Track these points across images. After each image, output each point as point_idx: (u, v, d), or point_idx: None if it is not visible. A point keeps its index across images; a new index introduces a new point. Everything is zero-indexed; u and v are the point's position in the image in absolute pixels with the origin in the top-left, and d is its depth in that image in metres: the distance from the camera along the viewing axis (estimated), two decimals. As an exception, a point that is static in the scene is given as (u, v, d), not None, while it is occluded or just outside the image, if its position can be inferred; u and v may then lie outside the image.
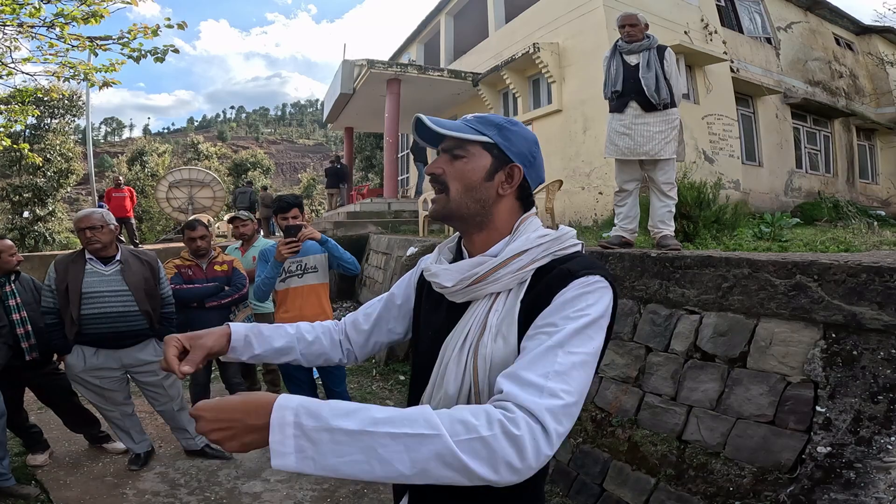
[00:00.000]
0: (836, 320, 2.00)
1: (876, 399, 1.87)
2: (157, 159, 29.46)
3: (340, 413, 0.64)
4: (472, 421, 0.66)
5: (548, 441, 0.67)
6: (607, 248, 3.28)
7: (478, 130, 0.93)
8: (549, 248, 0.89)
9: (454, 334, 0.91)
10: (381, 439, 0.63)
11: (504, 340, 0.84)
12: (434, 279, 0.95)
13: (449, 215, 0.95)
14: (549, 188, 6.66)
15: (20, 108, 5.02)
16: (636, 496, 2.42)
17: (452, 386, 0.87)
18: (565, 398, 0.71)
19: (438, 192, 0.95)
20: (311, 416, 0.63)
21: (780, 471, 2.00)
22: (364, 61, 10.84)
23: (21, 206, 18.82)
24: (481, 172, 0.92)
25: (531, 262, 0.88)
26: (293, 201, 3.05)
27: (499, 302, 0.89)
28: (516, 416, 0.67)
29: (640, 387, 2.67)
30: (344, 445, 0.62)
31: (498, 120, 0.95)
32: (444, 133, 0.92)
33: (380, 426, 0.63)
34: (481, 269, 0.88)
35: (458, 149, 0.93)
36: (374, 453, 0.62)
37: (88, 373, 2.88)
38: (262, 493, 2.89)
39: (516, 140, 0.94)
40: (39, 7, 3.40)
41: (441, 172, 0.94)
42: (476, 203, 0.92)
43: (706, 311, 2.47)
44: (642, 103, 3.31)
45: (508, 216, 0.95)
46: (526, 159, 0.95)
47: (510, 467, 0.65)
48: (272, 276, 2.92)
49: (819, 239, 3.87)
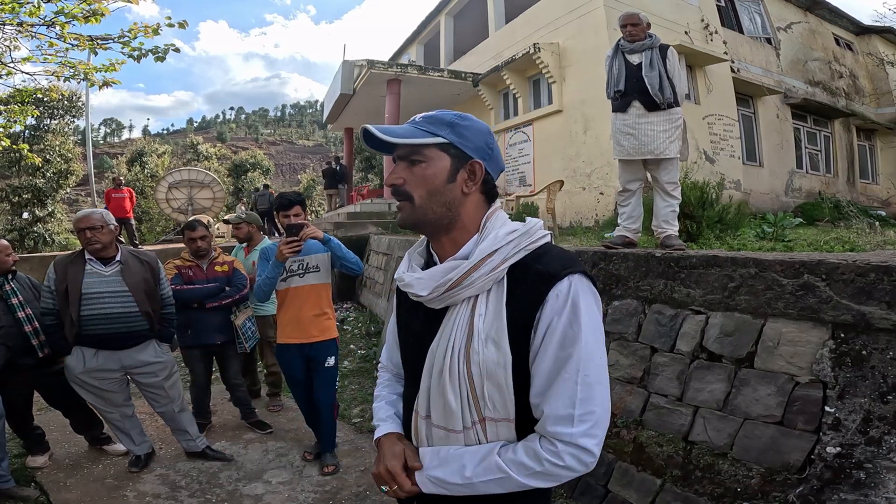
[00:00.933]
0: (845, 320, 1.98)
1: (885, 399, 1.85)
2: (157, 160, 29.43)
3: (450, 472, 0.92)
4: (528, 462, 0.86)
5: (588, 453, 0.85)
6: (611, 248, 3.26)
7: (430, 132, 0.90)
8: (519, 244, 0.89)
9: (439, 341, 0.92)
10: (478, 485, 0.90)
11: (496, 346, 0.86)
12: (409, 289, 0.93)
13: (416, 223, 0.94)
14: (551, 188, 6.65)
15: (19, 108, 5.00)
16: (641, 497, 2.40)
17: (452, 398, 0.90)
18: (592, 418, 0.85)
19: (401, 200, 0.93)
20: (439, 485, 0.94)
21: (789, 471, 1.98)
22: (364, 62, 10.83)
23: (20, 206, 18.78)
24: (443, 175, 0.91)
25: (503, 262, 0.88)
26: (295, 199, 3.00)
27: (480, 305, 0.89)
28: (558, 449, 0.85)
29: (645, 387, 2.64)
30: (458, 488, 0.92)
31: (448, 117, 0.93)
32: (395, 142, 0.89)
33: (473, 479, 0.89)
34: (454, 275, 0.88)
35: (415, 154, 0.91)
36: (476, 489, 0.91)
37: (88, 374, 2.86)
38: (264, 494, 2.87)
39: (471, 135, 0.92)
40: (39, 5, 3.38)
41: (402, 182, 0.92)
42: (442, 207, 0.91)
43: (712, 311, 2.45)
44: (645, 103, 3.29)
45: (475, 212, 0.95)
46: (484, 153, 0.93)
47: (568, 476, 0.87)
48: (273, 276, 2.87)
49: (823, 239, 3.86)
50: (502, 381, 0.87)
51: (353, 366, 5.37)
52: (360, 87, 11.44)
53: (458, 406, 0.90)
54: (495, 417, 0.89)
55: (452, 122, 0.92)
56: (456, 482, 0.90)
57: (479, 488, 0.89)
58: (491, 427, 0.90)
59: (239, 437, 3.67)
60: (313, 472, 3.12)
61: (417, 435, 0.98)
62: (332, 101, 12.89)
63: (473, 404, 0.89)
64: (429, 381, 0.93)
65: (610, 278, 3.04)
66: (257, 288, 2.93)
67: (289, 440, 3.57)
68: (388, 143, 0.90)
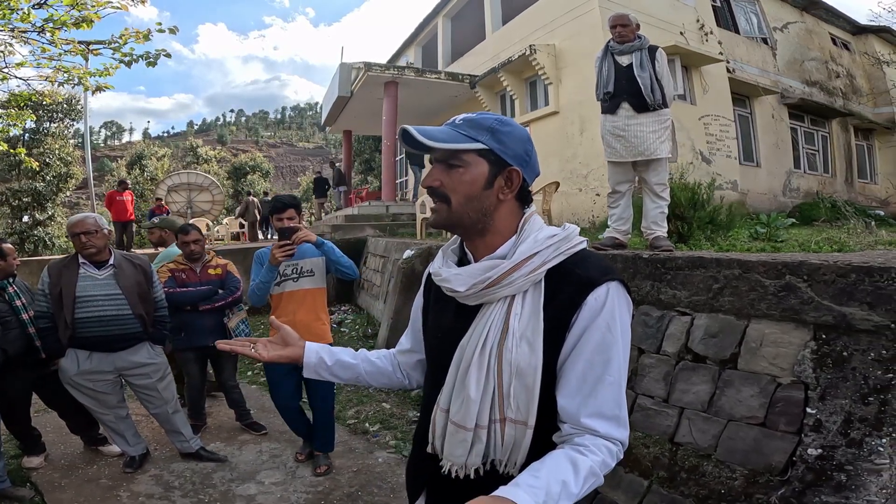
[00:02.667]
0: (827, 321, 2.00)
1: (867, 400, 1.87)
2: (157, 163, 29.49)
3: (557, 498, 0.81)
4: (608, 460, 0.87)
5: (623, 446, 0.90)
6: (600, 249, 3.28)
7: (470, 137, 0.90)
8: (558, 249, 0.90)
9: (472, 337, 0.92)
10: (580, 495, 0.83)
11: (529, 346, 0.87)
12: (445, 284, 0.94)
13: (450, 225, 0.95)
14: (546, 190, 6.66)
15: (16, 112, 5.03)
16: (629, 499, 2.42)
17: (474, 390, 0.89)
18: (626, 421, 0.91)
19: (438, 202, 0.94)
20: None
21: (772, 473, 1.99)
22: (361, 64, 10.86)
23: (20, 210, 18.82)
24: (481, 181, 0.91)
25: (543, 264, 0.89)
26: (290, 202, 2.96)
27: (516, 305, 0.89)
28: (619, 448, 0.89)
29: (632, 388, 2.66)
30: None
31: (489, 122, 0.92)
32: (435, 146, 0.89)
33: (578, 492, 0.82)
34: (494, 273, 0.88)
35: (453, 158, 0.91)
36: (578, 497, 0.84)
37: (82, 376, 2.88)
38: (256, 495, 2.89)
39: (510, 142, 0.92)
40: (29, 12, 3.40)
41: (439, 185, 0.92)
42: (477, 212, 0.92)
43: (697, 312, 2.47)
44: (634, 104, 3.31)
45: (509, 217, 0.95)
46: (522, 160, 0.93)
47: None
48: (267, 281, 2.85)
49: (814, 239, 3.87)
50: (530, 381, 0.87)
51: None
52: (357, 90, 11.47)
53: (478, 399, 0.89)
54: (515, 419, 0.89)
55: (493, 128, 0.91)
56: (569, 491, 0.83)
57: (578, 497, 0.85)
58: (509, 428, 0.90)
59: (234, 438, 3.69)
60: (306, 472, 3.14)
61: (434, 429, 0.98)
62: (330, 104, 12.92)
63: (498, 402, 0.89)
64: (455, 374, 0.93)
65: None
66: (251, 292, 2.91)
67: (283, 441, 3.59)
68: (427, 145, 0.89)
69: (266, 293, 2.91)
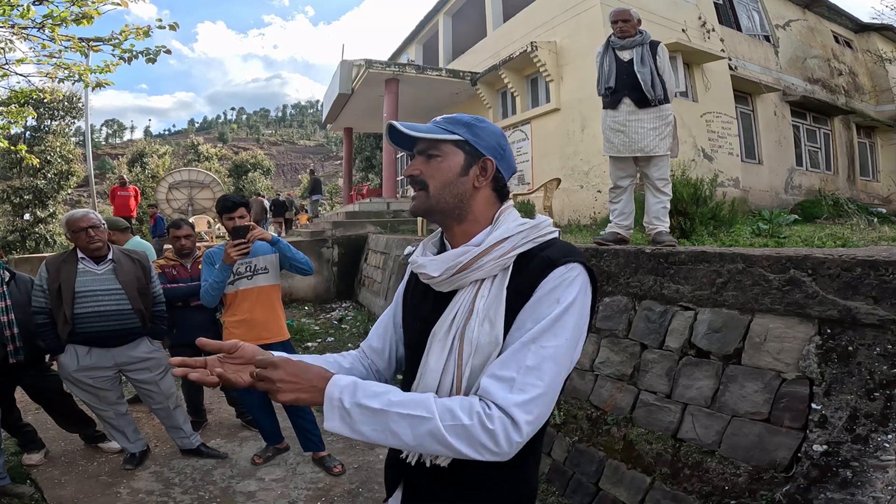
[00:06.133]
0: (831, 315, 1.97)
1: (872, 396, 1.85)
2: (158, 161, 29.46)
3: (370, 394, 0.83)
4: (458, 411, 0.81)
5: (517, 431, 0.80)
6: (602, 244, 3.25)
7: (448, 130, 0.99)
8: (528, 235, 0.94)
9: (442, 321, 0.95)
10: (393, 417, 0.81)
11: (490, 324, 0.90)
12: (421, 270, 0.98)
13: (429, 210, 1.01)
14: (548, 186, 6.64)
15: (17, 109, 5.01)
16: (632, 495, 2.40)
17: (434, 359, 0.92)
18: (533, 391, 0.82)
19: (418, 190, 1.01)
20: (350, 395, 0.82)
21: (776, 469, 1.97)
22: (362, 61, 10.83)
23: (22, 208, 18.82)
24: (456, 168, 0.98)
25: (512, 249, 0.93)
26: (239, 200, 2.95)
27: (484, 288, 0.93)
28: (492, 412, 0.80)
29: (635, 384, 2.64)
30: (368, 418, 0.82)
31: (466, 119, 1.01)
32: (417, 136, 0.98)
33: (394, 407, 0.81)
34: (465, 258, 0.93)
35: (433, 149, 0.99)
36: (387, 427, 0.81)
37: (81, 372, 2.87)
38: (257, 492, 2.88)
39: (485, 135, 1.00)
40: (29, 8, 3.39)
41: (419, 173, 1.00)
42: (454, 197, 0.98)
43: (700, 307, 2.45)
44: (636, 99, 3.29)
45: (486, 207, 1.01)
46: (496, 152, 1.01)
47: (488, 450, 0.80)
48: (221, 280, 2.83)
49: (817, 235, 3.85)
50: (488, 358, 0.89)
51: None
52: (358, 87, 11.44)
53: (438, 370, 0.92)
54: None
55: (469, 123, 1.00)
56: (370, 405, 0.81)
57: (391, 424, 0.80)
58: None
59: (234, 435, 3.68)
60: (307, 469, 3.13)
61: None
62: (330, 101, 12.90)
63: (456, 374, 0.91)
64: (426, 358, 0.96)
65: (601, 275, 3.04)
66: (204, 292, 2.87)
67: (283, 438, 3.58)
68: (410, 137, 0.99)
69: (220, 293, 2.89)
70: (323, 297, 8.66)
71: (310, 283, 8.43)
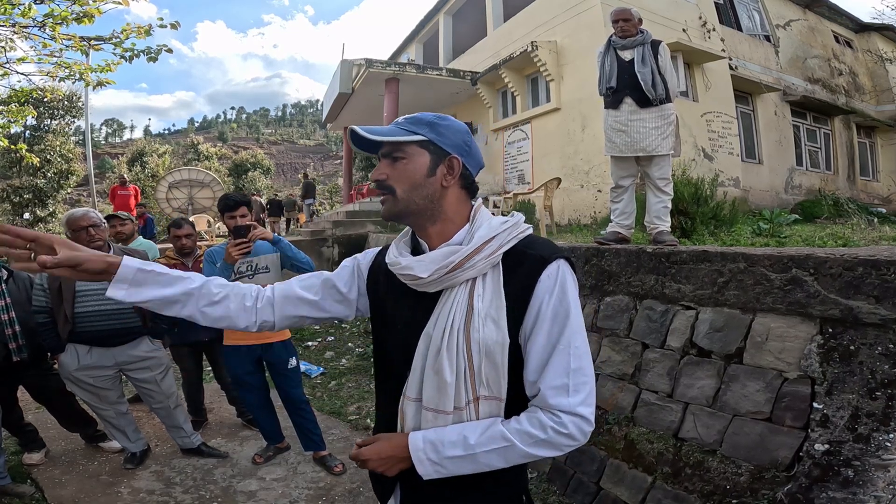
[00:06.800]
0: (833, 315, 1.98)
1: (874, 395, 1.85)
2: (157, 160, 29.43)
3: (450, 444, 0.92)
4: (533, 430, 0.91)
5: (587, 421, 0.92)
6: (603, 244, 3.25)
7: (411, 131, 0.97)
8: (511, 233, 0.97)
9: (437, 322, 0.94)
10: (481, 456, 0.91)
11: (495, 324, 0.91)
12: (407, 272, 0.97)
13: (399, 214, 1.00)
14: (548, 186, 6.64)
15: (17, 108, 5.00)
16: (633, 495, 2.40)
17: (448, 373, 0.92)
18: (586, 388, 0.92)
19: (385, 194, 0.99)
20: (434, 451, 0.92)
21: (778, 469, 1.97)
22: (362, 61, 10.82)
23: (21, 207, 18.79)
24: (423, 169, 0.97)
25: (500, 247, 0.95)
26: (241, 199, 2.96)
27: (478, 287, 0.94)
28: (562, 418, 0.90)
29: (636, 384, 2.64)
30: (460, 463, 0.92)
31: (428, 118, 1.00)
32: (379, 140, 0.96)
33: (478, 448, 0.91)
34: (456, 258, 0.93)
35: (397, 151, 0.98)
36: (480, 462, 0.92)
37: (82, 371, 2.87)
38: (258, 491, 2.88)
39: (449, 133, 0.99)
40: (30, 7, 3.38)
41: (385, 177, 0.98)
42: (423, 199, 0.97)
43: (702, 306, 2.45)
44: (637, 99, 3.29)
45: (458, 206, 1.01)
46: (462, 149, 1.00)
47: (570, 446, 0.93)
48: None
49: (818, 235, 3.85)
50: (499, 358, 0.91)
51: (351, 364, 5.38)
52: (358, 87, 11.43)
53: (453, 382, 0.92)
54: (488, 396, 0.93)
55: (432, 122, 0.99)
56: (457, 454, 0.91)
57: (482, 459, 0.91)
58: (484, 406, 0.94)
59: (235, 434, 3.68)
60: (308, 469, 3.13)
61: (403, 420, 0.98)
62: (331, 101, 12.88)
63: (470, 383, 0.92)
64: (423, 362, 0.95)
65: (602, 274, 3.04)
66: None
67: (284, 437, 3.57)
68: (373, 141, 0.97)
69: None
70: (323, 297, 8.65)
71: (310, 282, 8.42)
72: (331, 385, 4.69)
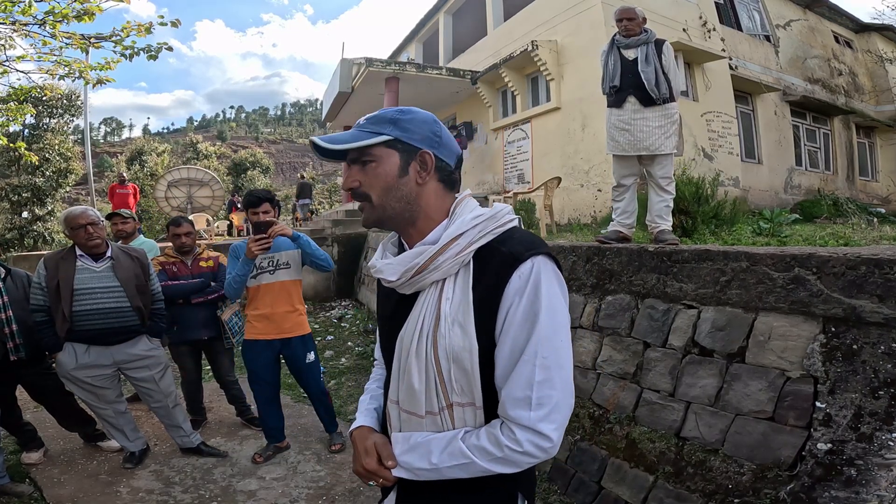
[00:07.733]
0: (836, 314, 1.97)
1: (877, 394, 1.84)
2: (156, 159, 29.37)
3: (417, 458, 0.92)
4: (488, 447, 0.87)
5: (546, 439, 0.85)
6: (604, 243, 3.25)
7: (374, 132, 0.91)
8: (484, 229, 0.90)
9: (408, 326, 0.93)
10: (444, 472, 0.91)
11: (462, 329, 0.87)
12: (380, 275, 0.95)
13: (378, 221, 0.95)
14: (548, 185, 6.63)
15: (16, 106, 4.98)
16: (634, 494, 2.40)
17: (416, 379, 0.90)
18: (550, 402, 0.85)
19: (361, 201, 0.95)
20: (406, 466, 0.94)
21: (780, 468, 1.97)
22: (362, 59, 10.80)
23: (20, 205, 18.72)
24: (394, 170, 0.92)
25: (469, 245, 0.89)
26: (264, 195, 2.98)
27: (447, 289, 0.90)
28: (517, 435, 0.85)
29: (637, 383, 2.64)
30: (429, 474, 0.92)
31: (390, 115, 0.94)
32: (343, 148, 0.91)
33: (439, 465, 0.90)
34: (421, 259, 0.89)
35: (365, 156, 0.92)
36: (447, 475, 0.91)
37: (80, 370, 2.86)
38: (257, 490, 2.87)
39: (414, 127, 0.93)
40: (30, 4, 3.37)
41: (358, 185, 0.94)
42: (399, 201, 0.93)
43: (704, 305, 2.44)
44: (641, 98, 3.28)
45: (437, 201, 0.95)
46: (431, 141, 0.94)
47: (528, 463, 0.87)
48: (243, 274, 2.88)
49: (818, 234, 3.84)
50: (468, 365, 0.87)
51: (351, 363, 5.37)
52: (358, 86, 11.41)
53: (423, 389, 0.90)
54: (462, 402, 0.90)
55: (394, 119, 0.93)
56: (424, 467, 0.91)
57: (446, 474, 0.90)
58: (458, 412, 0.91)
59: (234, 433, 3.67)
60: (307, 468, 3.12)
61: (390, 420, 0.99)
62: (330, 100, 12.86)
63: (441, 390, 0.89)
64: (398, 364, 0.94)
65: (603, 273, 3.03)
66: (227, 285, 2.94)
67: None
68: (336, 150, 0.92)
69: (242, 286, 2.95)
70: (323, 296, 8.65)
71: (310, 281, 8.41)
72: (330, 384, 4.68)
